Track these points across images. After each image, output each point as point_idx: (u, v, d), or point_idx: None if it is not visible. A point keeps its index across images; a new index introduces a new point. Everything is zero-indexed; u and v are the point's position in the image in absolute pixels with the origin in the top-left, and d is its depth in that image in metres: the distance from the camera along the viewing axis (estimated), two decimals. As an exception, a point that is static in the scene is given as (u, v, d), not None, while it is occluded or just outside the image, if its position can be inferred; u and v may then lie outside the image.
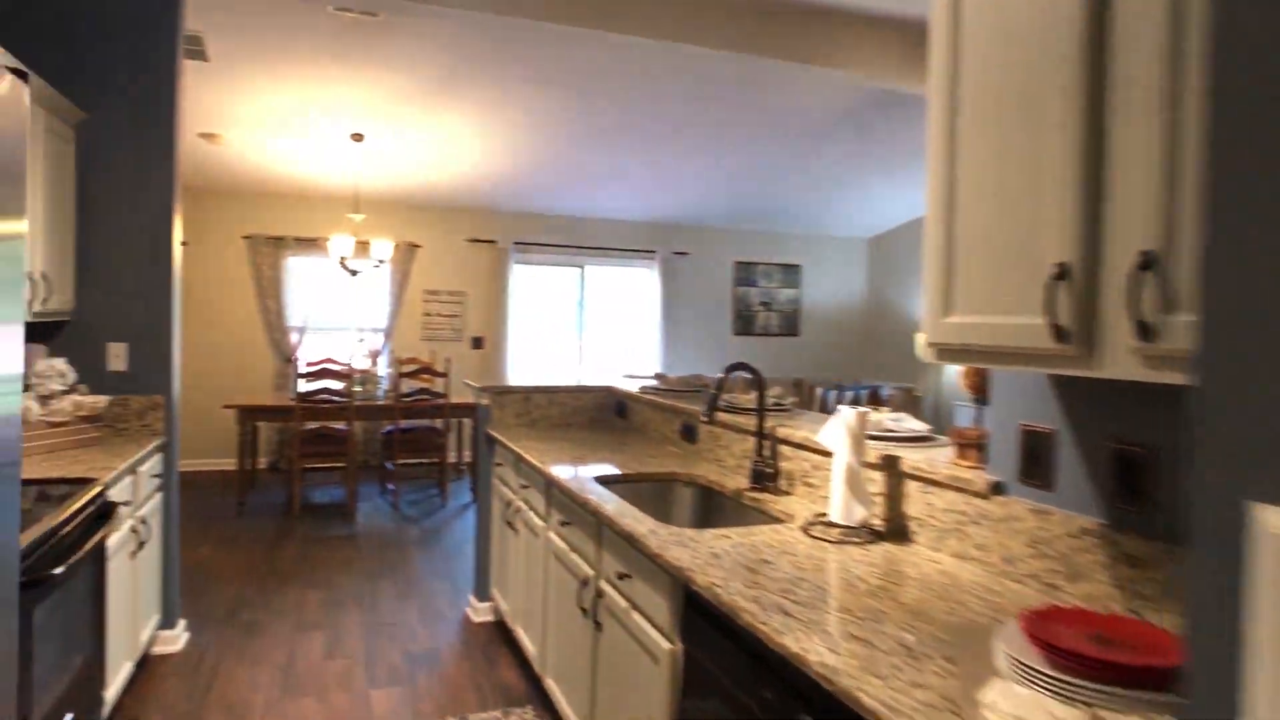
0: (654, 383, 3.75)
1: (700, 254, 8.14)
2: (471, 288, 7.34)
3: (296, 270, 6.82)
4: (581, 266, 7.77)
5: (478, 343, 7.38)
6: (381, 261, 5.80)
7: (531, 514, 2.87)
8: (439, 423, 5.89)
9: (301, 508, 5.55)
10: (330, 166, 6.07)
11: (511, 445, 3.09)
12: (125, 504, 2.57)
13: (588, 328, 7.85)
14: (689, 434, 3.01)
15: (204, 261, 6.59)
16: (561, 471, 2.57)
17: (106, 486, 2.31)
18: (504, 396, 3.58)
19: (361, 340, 6.40)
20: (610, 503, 2.16)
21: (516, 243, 7.39)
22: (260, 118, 5.15)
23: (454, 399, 5.85)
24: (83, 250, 3.04)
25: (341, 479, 6.31)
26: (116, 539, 2.51)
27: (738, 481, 2.49)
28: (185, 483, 6.15)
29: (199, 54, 4.18)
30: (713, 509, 2.56)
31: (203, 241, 6.58)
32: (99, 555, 2.27)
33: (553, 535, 2.62)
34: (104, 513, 2.25)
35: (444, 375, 5.62)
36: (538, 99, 4.92)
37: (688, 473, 2.66)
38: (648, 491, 2.66)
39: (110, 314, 3.09)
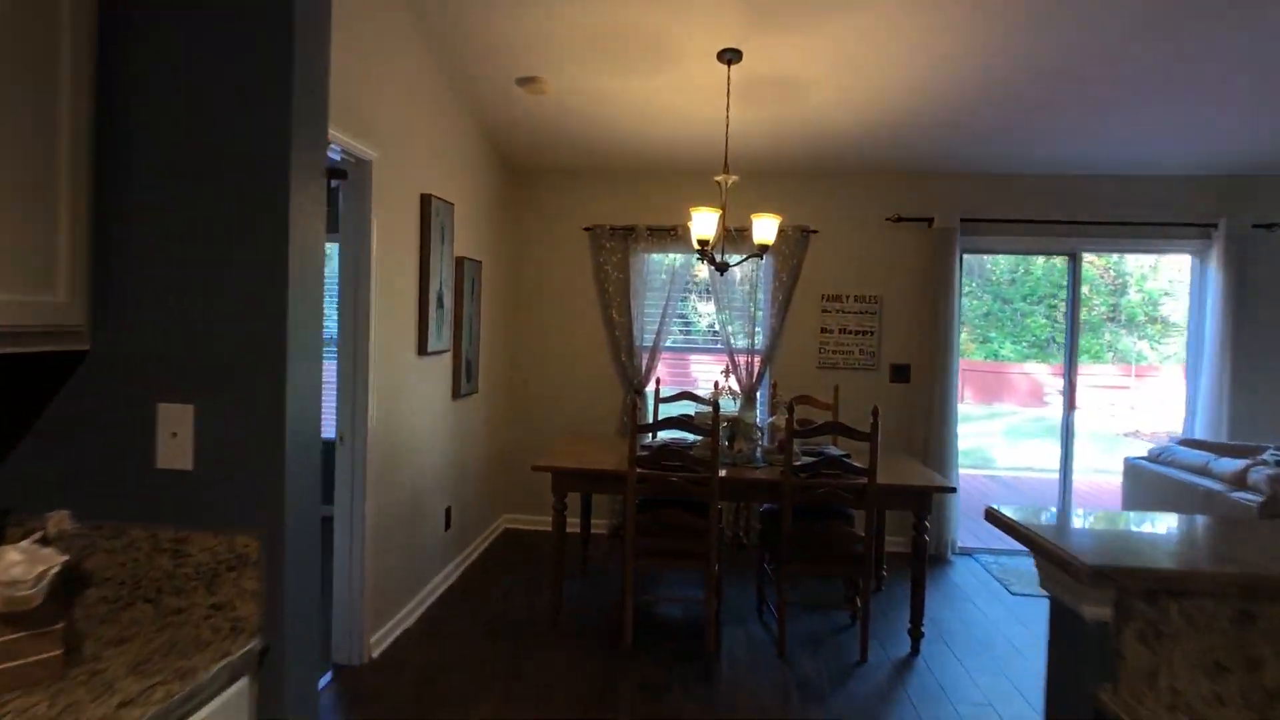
0: None
1: (1309, 222, 4.61)
2: (892, 290, 4.88)
3: (649, 271, 5.07)
4: (1073, 253, 4.81)
5: (900, 374, 4.88)
6: (763, 249, 3.68)
7: None
8: (852, 509, 3.55)
9: (639, 627, 3.64)
10: (693, 117, 4.15)
11: None
12: None
13: (1080, 351, 4.84)
14: None
15: (538, 261, 5.17)
16: None
17: None
18: (1171, 604, 1.08)
19: (728, 373, 4.30)
20: None
21: (965, 219, 4.75)
22: (595, 45, 3.39)
23: (880, 476, 3.45)
24: (105, 209, 1.32)
25: (700, 580, 4.30)
26: None
27: None
28: (507, 546, 4.70)
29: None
30: None
31: (534, 235, 5.16)
32: None
33: None
34: None
35: (867, 438, 3.25)
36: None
37: None
38: None
39: (163, 346, 1.33)
